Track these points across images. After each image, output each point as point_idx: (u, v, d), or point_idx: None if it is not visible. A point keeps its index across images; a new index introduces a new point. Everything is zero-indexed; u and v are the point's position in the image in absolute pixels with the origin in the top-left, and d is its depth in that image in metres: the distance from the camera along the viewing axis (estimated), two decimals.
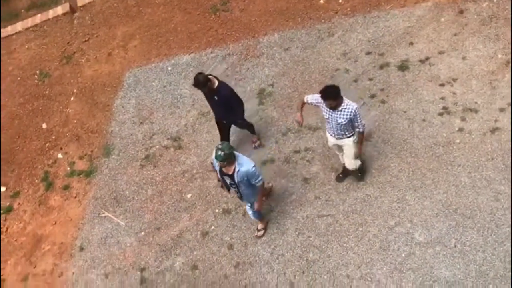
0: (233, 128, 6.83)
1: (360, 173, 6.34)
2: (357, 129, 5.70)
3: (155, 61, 8.44)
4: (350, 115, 5.52)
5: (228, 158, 5.13)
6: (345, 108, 5.51)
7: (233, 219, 6.53)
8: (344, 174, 6.42)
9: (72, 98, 8.38)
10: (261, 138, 7.08)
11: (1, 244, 7.04)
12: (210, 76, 6.13)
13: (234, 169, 5.27)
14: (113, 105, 8.11)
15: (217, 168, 5.43)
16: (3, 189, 7.56)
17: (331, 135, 5.91)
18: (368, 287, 5.66)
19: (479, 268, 5.52)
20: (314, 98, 5.72)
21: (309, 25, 8.12)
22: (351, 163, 6.04)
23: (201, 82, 5.99)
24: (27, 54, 9.16)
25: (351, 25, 7.94)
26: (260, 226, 6.26)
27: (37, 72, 8.87)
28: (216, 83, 6.12)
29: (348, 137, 5.78)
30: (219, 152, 5.07)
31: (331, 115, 5.60)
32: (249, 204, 5.81)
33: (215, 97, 6.17)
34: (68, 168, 7.57)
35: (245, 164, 5.26)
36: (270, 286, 5.91)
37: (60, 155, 7.76)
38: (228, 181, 5.49)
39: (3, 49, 9.31)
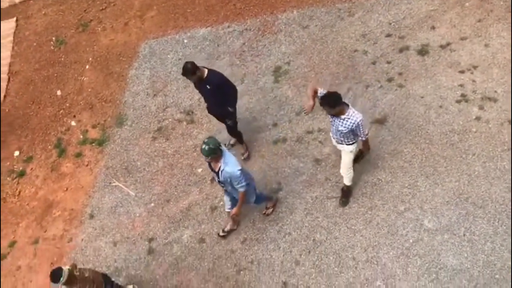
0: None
1: (344, 198, 6.15)
2: (359, 138, 5.50)
3: (171, 33, 8.37)
4: (352, 126, 5.29)
5: (212, 154, 4.95)
6: (349, 118, 5.27)
7: None
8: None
9: (87, 66, 8.37)
10: (250, 150, 6.79)
11: (14, 207, 7.16)
12: (198, 66, 5.85)
13: (220, 167, 5.13)
14: (128, 76, 8.09)
15: (207, 162, 5.29)
16: (16, 153, 7.65)
17: (332, 137, 5.76)
18: (374, 270, 5.68)
19: (487, 258, 5.50)
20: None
21: (330, 3, 7.96)
22: (344, 170, 5.88)
23: (190, 69, 5.72)
24: (44, 20, 9.14)
25: (372, 5, 7.78)
26: (269, 204, 6.27)
27: (53, 38, 8.85)
28: (206, 71, 5.89)
29: (347, 145, 5.60)
30: (203, 146, 4.94)
31: (334, 121, 5.41)
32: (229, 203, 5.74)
33: (207, 86, 5.92)
34: (81, 136, 7.61)
35: (230, 164, 5.07)
36: (275, 263, 5.95)
37: (73, 123, 7.80)
38: (216, 178, 5.38)
39: (20, 14, 9.29)
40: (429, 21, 7.44)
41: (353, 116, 5.28)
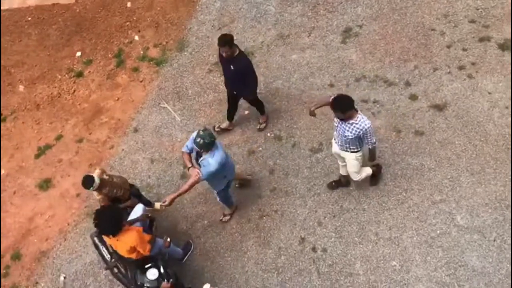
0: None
1: (373, 177, 6.00)
2: (367, 145, 5.27)
3: None
4: (359, 132, 5.04)
5: (207, 148, 4.99)
6: (356, 123, 5.02)
7: (281, 147, 6.58)
8: (337, 183, 6.11)
9: None
10: (268, 120, 6.70)
11: (66, 104, 7.46)
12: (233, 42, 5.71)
13: (206, 156, 5.10)
14: (198, 3, 8.05)
15: (194, 153, 5.23)
16: (78, 53, 7.87)
17: (336, 142, 5.51)
18: (393, 250, 5.69)
19: None
20: None
21: None
22: (354, 176, 5.71)
23: (228, 41, 5.59)
24: None
25: None
26: (226, 211, 6.15)
27: None
28: (237, 51, 5.74)
29: (351, 152, 5.37)
30: (198, 139, 4.91)
31: (340, 125, 5.17)
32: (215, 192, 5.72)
33: (231, 66, 5.79)
34: (141, 52, 7.74)
35: (216, 157, 5.06)
36: (298, 218, 6.04)
37: (136, 37, 7.91)
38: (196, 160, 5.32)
39: None
40: None
41: (361, 122, 5.02)
